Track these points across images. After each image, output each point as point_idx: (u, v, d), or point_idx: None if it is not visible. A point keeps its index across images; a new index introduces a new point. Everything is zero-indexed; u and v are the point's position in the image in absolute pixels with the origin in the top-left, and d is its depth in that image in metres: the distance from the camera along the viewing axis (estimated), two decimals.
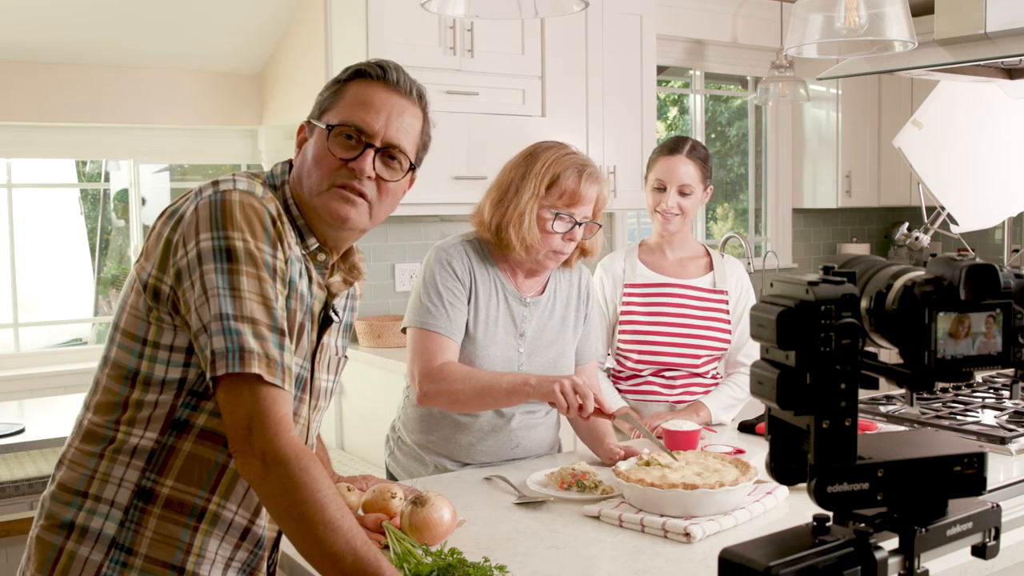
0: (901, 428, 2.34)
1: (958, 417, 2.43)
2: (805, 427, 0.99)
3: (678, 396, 2.60)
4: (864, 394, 2.64)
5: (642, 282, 2.65)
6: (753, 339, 1.01)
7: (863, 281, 1.04)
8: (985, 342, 1.00)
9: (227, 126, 4.16)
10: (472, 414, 2.17)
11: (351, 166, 1.45)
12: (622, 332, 2.62)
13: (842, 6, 2.13)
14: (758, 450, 2.27)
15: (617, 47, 4.27)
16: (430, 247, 2.23)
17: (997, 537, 1.10)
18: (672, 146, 2.61)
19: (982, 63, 2.79)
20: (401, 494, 1.76)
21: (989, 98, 3.67)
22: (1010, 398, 2.61)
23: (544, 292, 2.27)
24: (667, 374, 2.60)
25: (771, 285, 1.03)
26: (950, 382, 1.24)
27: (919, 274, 1.01)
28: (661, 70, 5.19)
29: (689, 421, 2.26)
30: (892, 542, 1.04)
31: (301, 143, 1.52)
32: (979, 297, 0.99)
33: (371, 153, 1.46)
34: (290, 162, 1.54)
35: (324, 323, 1.51)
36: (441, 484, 2.04)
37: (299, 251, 1.46)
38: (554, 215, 2.13)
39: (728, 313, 2.64)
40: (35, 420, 3.20)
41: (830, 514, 1.04)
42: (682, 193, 2.58)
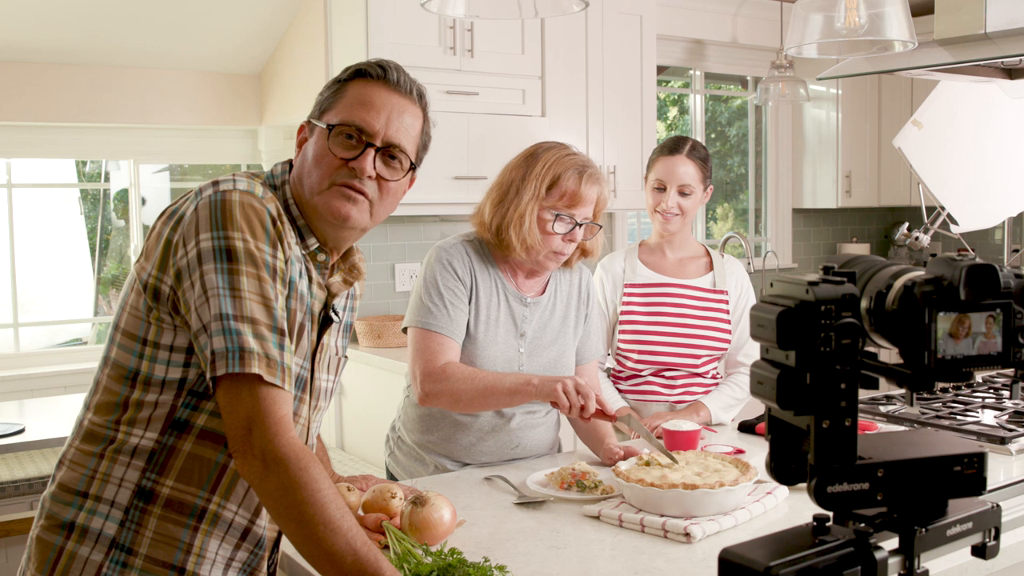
0: (901, 428, 2.34)
1: (958, 417, 2.43)
2: (805, 427, 0.99)
3: (678, 396, 2.60)
4: (864, 394, 2.64)
5: (642, 282, 2.65)
6: (753, 339, 1.01)
7: (863, 281, 1.04)
8: (985, 342, 1.00)
9: (227, 126, 4.16)
10: (472, 414, 2.18)
11: (352, 165, 1.45)
12: (622, 332, 2.62)
13: (842, 6, 2.13)
14: (758, 450, 2.27)
15: (617, 47, 4.27)
16: (431, 247, 2.23)
17: (997, 537, 1.10)
18: (672, 146, 2.61)
19: (982, 63, 2.79)
20: (401, 494, 1.76)
21: (989, 98, 3.67)
22: (1010, 398, 2.61)
23: (545, 292, 2.27)
24: (667, 374, 2.60)
25: (771, 285, 1.03)
26: (950, 382, 1.24)
27: (919, 274, 1.01)
28: (661, 70, 5.19)
29: (689, 421, 2.26)
30: (892, 542, 1.04)
31: (301, 143, 1.52)
32: (979, 297, 0.99)
33: (371, 152, 1.46)
34: (290, 162, 1.54)
35: (324, 323, 1.52)
36: (441, 484, 2.04)
37: (299, 251, 1.46)
38: (554, 216, 2.13)
39: (728, 313, 2.64)
40: (35, 420, 3.21)
41: (830, 514, 1.04)
42: (682, 193, 2.58)
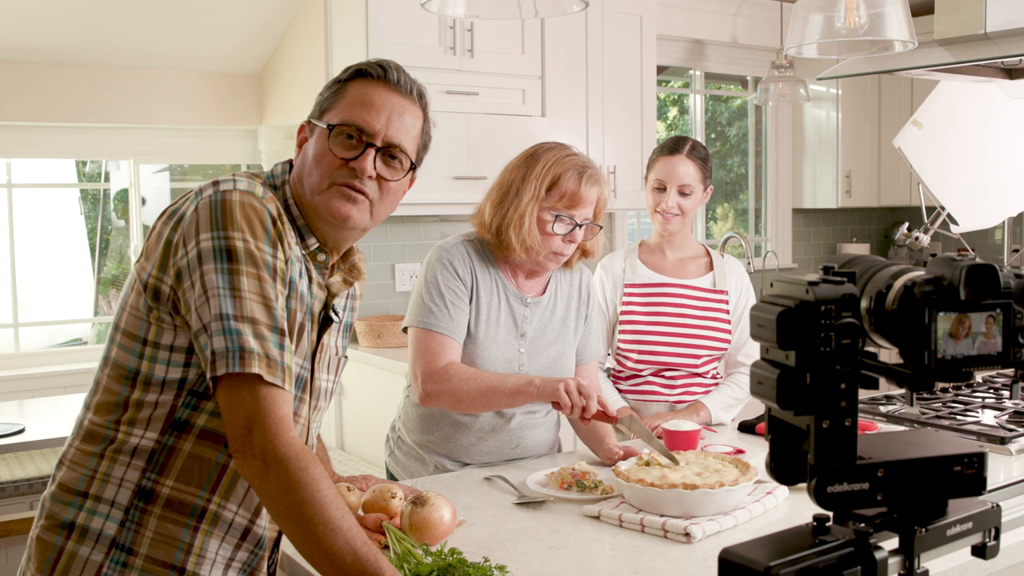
0: (901, 428, 2.34)
1: (958, 417, 2.43)
2: (805, 427, 0.99)
3: (678, 396, 2.60)
4: (864, 394, 2.64)
5: (642, 282, 2.65)
6: (753, 339, 1.01)
7: (863, 281, 1.04)
8: (985, 342, 1.00)
9: (227, 126, 4.16)
10: (472, 414, 2.18)
11: (352, 165, 1.45)
12: (622, 332, 2.62)
13: (842, 6, 2.13)
14: (758, 450, 2.27)
15: (617, 47, 4.27)
16: (431, 247, 2.23)
17: (997, 537, 1.10)
18: (672, 146, 2.61)
19: (982, 63, 2.79)
20: (401, 494, 1.76)
21: (989, 98, 3.67)
22: (1010, 398, 2.61)
23: (545, 292, 2.27)
24: (667, 374, 2.60)
25: (771, 285, 1.03)
26: (950, 382, 1.24)
27: (919, 274, 1.01)
28: (661, 70, 5.19)
29: (689, 421, 2.26)
30: (892, 542, 1.04)
31: (301, 143, 1.52)
32: (979, 297, 0.99)
33: (372, 152, 1.46)
34: (290, 162, 1.54)
35: (324, 323, 1.52)
36: (441, 484, 2.04)
37: (299, 251, 1.46)
38: (554, 217, 2.13)
39: (728, 313, 2.64)
40: (35, 420, 3.21)
41: (830, 514, 1.04)
42: (682, 193, 2.58)
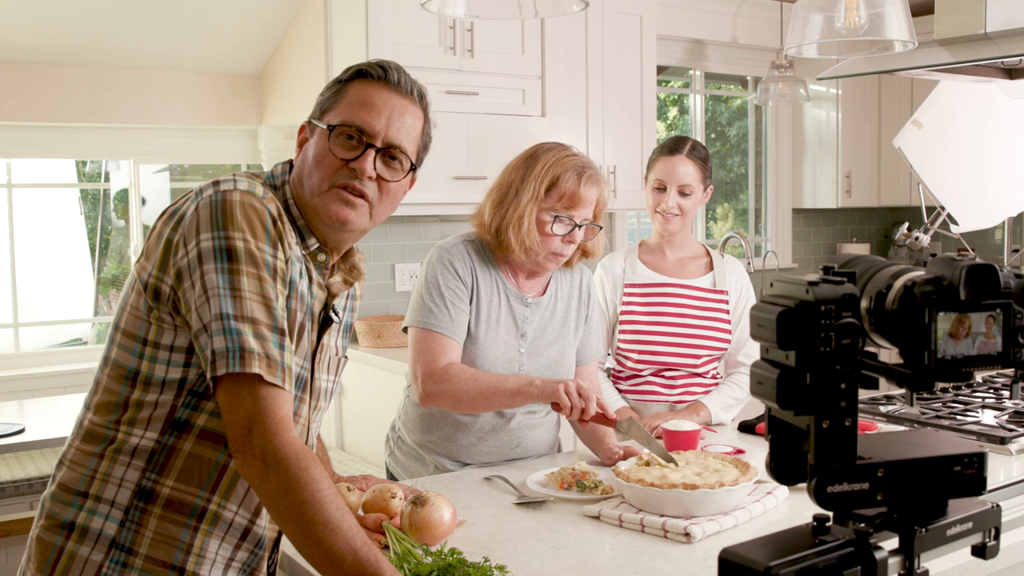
0: (901, 428, 2.34)
1: (958, 417, 2.43)
2: (805, 427, 0.99)
3: (678, 396, 2.60)
4: (864, 394, 2.64)
5: (642, 282, 2.65)
6: (753, 339, 1.01)
7: (863, 281, 1.04)
8: (985, 342, 1.00)
9: (227, 126, 4.16)
10: (472, 414, 2.17)
11: (352, 166, 1.45)
12: (622, 332, 2.62)
13: (842, 6, 2.13)
14: (758, 450, 2.27)
15: (617, 47, 4.27)
16: (431, 247, 2.23)
17: (997, 537, 1.10)
18: (672, 146, 2.61)
19: (982, 63, 2.79)
20: (401, 494, 1.76)
21: (989, 98, 3.67)
22: (1010, 398, 2.61)
23: (545, 292, 2.27)
24: (667, 374, 2.60)
25: (771, 285, 1.03)
26: (950, 382, 1.24)
27: (919, 274, 1.01)
28: (661, 70, 5.19)
29: (689, 421, 2.26)
30: (892, 542, 1.04)
31: (302, 143, 1.52)
32: (979, 297, 0.99)
33: (372, 153, 1.46)
34: (290, 162, 1.54)
35: (324, 323, 1.52)
36: (441, 484, 2.04)
37: (299, 251, 1.46)
38: (553, 218, 2.13)
39: (728, 313, 2.64)
40: (35, 420, 3.21)
41: (830, 514, 1.04)
42: (682, 193, 2.58)
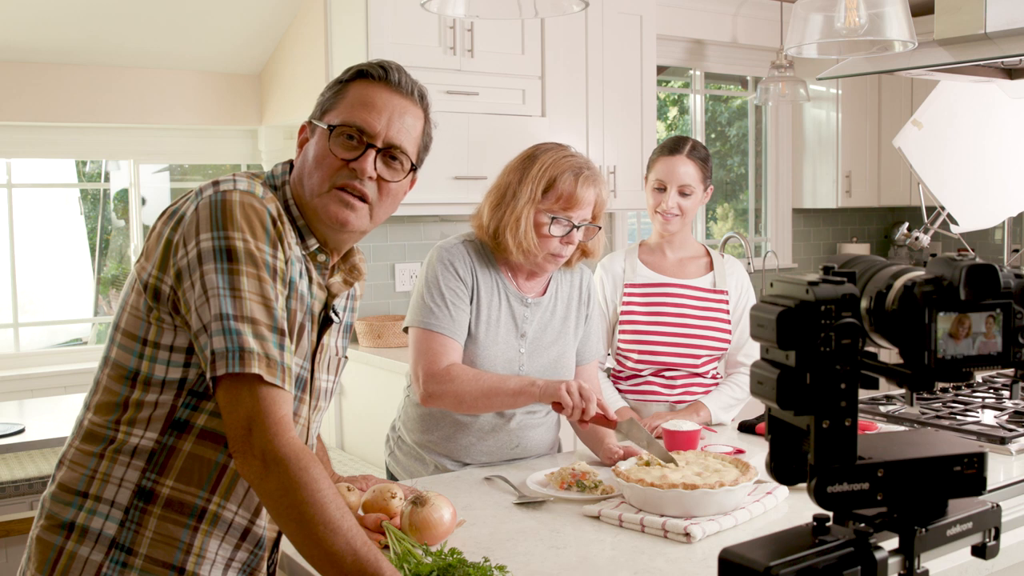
0: (901, 428, 2.34)
1: (958, 417, 2.43)
2: (805, 427, 0.99)
3: (678, 396, 2.60)
4: (864, 394, 2.64)
5: (642, 282, 2.64)
6: (753, 339, 1.01)
7: (863, 281, 1.04)
8: (985, 342, 1.00)
9: (227, 126, 4.16)
10: (472, 414, 2.17)
11: (352, 166, 1.45)
12: (622, 332, 2.62)
13: (842, 6, 2.13)
14: (758, 450, 2.27)
15: (617, 47, 4.27)
16: (431, 247, 2.23)
17: (997, 537, 1.10)
18: (672, 146, 2.61)
19: (982, 63, 2.79)
20: (401, 494, 1.76)
21: (989, 98, 3.67)
22: (1010, 398, 2.61)
23: (545, 293, 2.27)
24: (667, 374, 2.60)
25: (771, 285, 1.03)
26: (950, 382, 1.24)
27: (919, 274, 1.01)
28: (661, 70, 5.19)
29: (689, 421, 2.26)
30: (892, 542, 1.04)
31: (302, 143, 1.52)
32: (979, 297, 0.99)
33: (372, 153, 1.46)
34: (290, 162, 1.54)
35: (324, 323, 1.52)
36: (441, 484, 2.04)
37: (299, 251, 1.46)
38: (551, 219, 2.12)
39: (728, 313, 2.64)
40: (35, 420, 3.21)
41: (830, 514, 1.04)
42: (682, 193, 2.58)
